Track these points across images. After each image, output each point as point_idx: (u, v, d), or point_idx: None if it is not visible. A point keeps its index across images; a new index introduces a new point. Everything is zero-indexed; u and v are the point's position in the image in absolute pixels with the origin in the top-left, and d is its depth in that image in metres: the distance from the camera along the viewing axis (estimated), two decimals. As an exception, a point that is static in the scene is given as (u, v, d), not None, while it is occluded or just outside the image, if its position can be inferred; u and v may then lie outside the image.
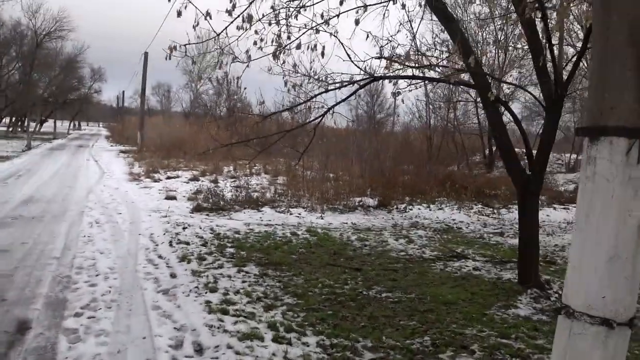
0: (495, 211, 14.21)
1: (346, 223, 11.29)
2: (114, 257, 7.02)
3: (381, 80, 7.38)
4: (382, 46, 6.29)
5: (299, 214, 11.78)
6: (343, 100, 9.75)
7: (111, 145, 35.41)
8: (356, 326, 5.19)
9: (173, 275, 6.39)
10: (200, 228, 9.29)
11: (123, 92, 59.48)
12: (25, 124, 39.01)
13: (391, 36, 6.11)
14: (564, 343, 2.20)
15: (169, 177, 16.52)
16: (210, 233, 9.00)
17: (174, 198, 12.41)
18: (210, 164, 21.48)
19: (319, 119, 7.87)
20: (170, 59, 5.36)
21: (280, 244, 8.67)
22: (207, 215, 10.83)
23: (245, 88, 34.52)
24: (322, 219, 11.47)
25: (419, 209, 13.77)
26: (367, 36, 6.09)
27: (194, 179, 16.23)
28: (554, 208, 15.44)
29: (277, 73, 6.95)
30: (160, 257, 7.24)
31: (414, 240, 9.92)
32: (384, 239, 9.91)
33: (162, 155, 24.29)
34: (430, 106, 25.92)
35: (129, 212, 10.49)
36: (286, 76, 7.05)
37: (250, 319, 5.07)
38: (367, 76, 7.44)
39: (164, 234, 8.58)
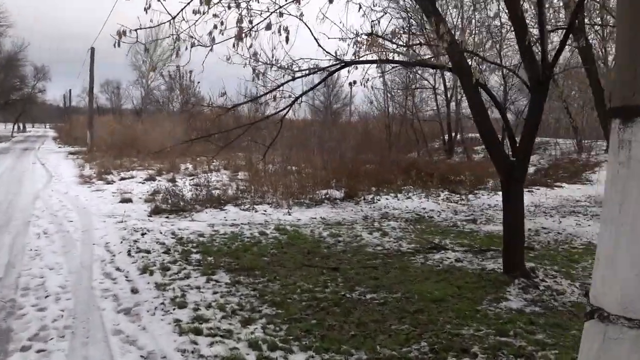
0: (464, 197, 13.98)
1: (315, 218, 10.74)
2: (66, 273, 6.21)
3: (351, 66, 6.83)
4: (373, 21, 5.76)
5: (265, 210, 11.15)
6: (312, 88, 9.19)
7: (59, 147, 33.59)
8: (345, 336, 4.66)
9: (134, 291, 5.66)
10: (161, 233, 8.53)
11: (70, 90, 56.80)
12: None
13: (385, 8, 5.58)
14: (596, 349, 1.90)
15: (122, 178, 15.52)
16: (172, 238, 8.26)
17: (129, 201, 11.53)
18: (166, 162, 20.49)
19: (287, 109, 7.29)
20: (119, 45, 4.64)
21: (249, 246, 8.03)
22: (167, 217, 10.05)
23: (199, 82, 33.45)
24: (289, 214, 10.88)
25: (387, 199, 13.37)
26: (360, 7, 5.54)
27: (150, 178, 15.30)
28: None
29: (237, 63, 6.30)
30: (118, 269, 6.47)
31: (388, 233, 9.48)
32: (357, 233, 9.43)
33: (113, 155, 23.05)
34: (389, 94, 25.69)
35: (80, 219, 9.59)
36: (247, 65, 6.42)
37: (228, 338, 4.45)
38: (337, 62, 6.89)
39: (121, 242, 7.78)
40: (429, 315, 5.30)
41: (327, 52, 6.48)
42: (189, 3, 4.87)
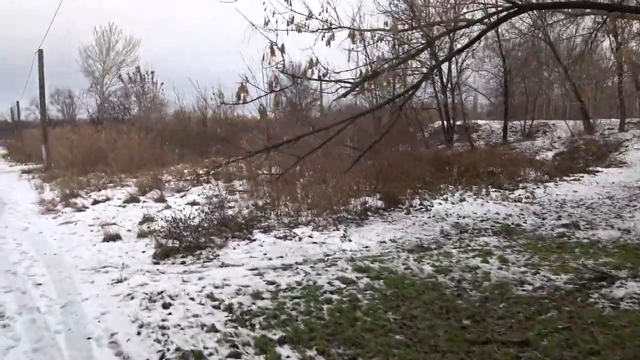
0: (529, 194, 11.10)
1: (384, 242, 7.53)
2: None
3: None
4: None
5: (310, 235, 7.85)
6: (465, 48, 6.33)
7: (10, 165, 28.75)
8: None
9: None
10: (192, 299, 5.06)
11: (17, 102, 50.68)
12: None
13: None
14: None
15: (96, 201, 11.71)
16: (216, 308, 4.83)
17: (117, 238, 7.91)
18: (144, 176, 16.72)
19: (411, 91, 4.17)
20: None
21: (346, 310, 4.74)
22: (184, 263, 6.58)
23: (162, 83, 29.40)
24: (347, 240, 7.62)
25: (440, 203, 10.32)
26: None
27: (133, 199, 11.55)
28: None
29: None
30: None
31: (507, 259, 6.41)
32: (461, 260, 6.33)
33: (76, 171, 18.99)
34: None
35: (53, 278, 6.01)
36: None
37: None
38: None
39: (138, 331, 4.30)
40: None
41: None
42: None
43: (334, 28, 4.84)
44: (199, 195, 11.71)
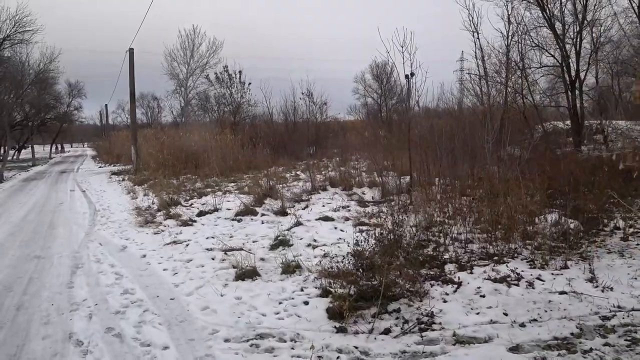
0: None
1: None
2: None
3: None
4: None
5: (537, 277, 4.99)
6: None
7: (99, 167, 27.85)
8: None
9: None
10: None
11: (106, 105, 50.93)
12: (1, 152, 30.92)
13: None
14: None
15: (202, 212, 9.37)
16: None
17: (254, 274, 5.37)
18: (243, 180, 14.48)
19: None
20: None
21: None
22: (389, 332, 3.88)
23: (250, 83, 27.32)
24: (602, 287, 4.68)
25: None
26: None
27: (248, 211, 8.99)
28: None
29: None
30: None
31: None
32: None
33: (167, 173, 17.14)
34: (486, 78, 19.29)
35: (178, 349, 3.53)
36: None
37: None
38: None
39: None
40: None
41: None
42: None
43: None
44: (323, 206, 9.14)
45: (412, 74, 10.40)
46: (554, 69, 18.30)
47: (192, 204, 10.61)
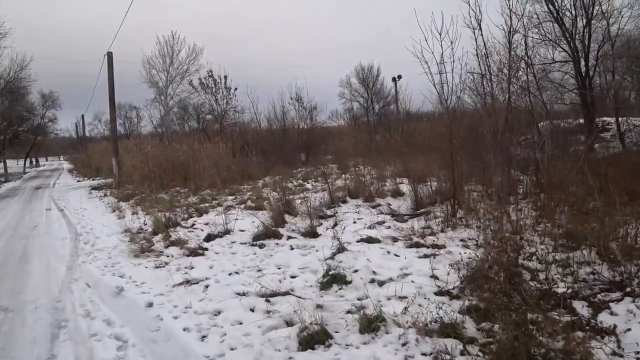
0: None
1: None
2: None
3: None
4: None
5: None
6: None
7: (78, 181, 25.57)
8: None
9: None
10: None
11: (82, 116, 48.26)
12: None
13: None
14: None
15: (211, 236, 7.61)
16: None
17: (326, 336, 3.66)
18: (241, 193, 12.75)
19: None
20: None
21: None
22: None
23: (236, 89, 25.53)
24: None
25: None
26: None
27: (269, 233, 7.25)
28: None
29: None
30: None
31: None
32: None
33: (154, 187, 15.29)
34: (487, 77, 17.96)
35: None
36: None
37: None
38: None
39: None
40: None
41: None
42: None
43: None
44: (355, 222, 7.53)
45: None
46: (563, 65, 17.07)
47: (192, 224, 8.86)
